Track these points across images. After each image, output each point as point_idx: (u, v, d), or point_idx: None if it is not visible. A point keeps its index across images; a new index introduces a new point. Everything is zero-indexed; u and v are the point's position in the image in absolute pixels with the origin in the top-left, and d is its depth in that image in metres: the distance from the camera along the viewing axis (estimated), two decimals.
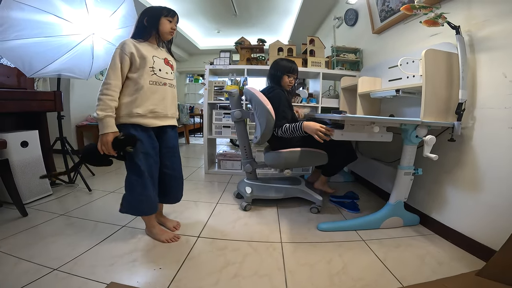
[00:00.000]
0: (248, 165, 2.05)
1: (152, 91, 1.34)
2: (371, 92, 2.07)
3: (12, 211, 1.74)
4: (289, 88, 2.00)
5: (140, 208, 1.40)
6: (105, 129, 1.24)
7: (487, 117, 1.41)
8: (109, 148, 1.26)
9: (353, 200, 2.05)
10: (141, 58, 1.31)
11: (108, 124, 1.24)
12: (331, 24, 3.75)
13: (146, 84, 1.32)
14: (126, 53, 1.28)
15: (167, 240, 1.46)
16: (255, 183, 2.04)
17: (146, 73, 1.32)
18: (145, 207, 1.40)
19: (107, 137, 1.25)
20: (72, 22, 1.86)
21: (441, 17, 1.45)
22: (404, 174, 1.61)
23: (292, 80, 1.95)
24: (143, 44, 1.35)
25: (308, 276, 1.21)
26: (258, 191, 1.99)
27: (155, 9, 1.39)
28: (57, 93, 2.25)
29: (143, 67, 1.31)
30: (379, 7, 2.40)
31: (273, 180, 2.13)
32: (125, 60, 1.28)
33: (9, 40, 1.69)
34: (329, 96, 3.17)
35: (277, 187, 2.01)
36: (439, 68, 1.50)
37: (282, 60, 1.98)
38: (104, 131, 1.24)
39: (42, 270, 1.16)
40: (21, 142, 1.88)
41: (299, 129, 1.64)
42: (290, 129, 1.69)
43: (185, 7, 4.35)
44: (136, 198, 1.37)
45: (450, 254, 1.43)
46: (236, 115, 1.99)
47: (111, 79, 1.26)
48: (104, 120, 1.23)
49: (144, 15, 1.37)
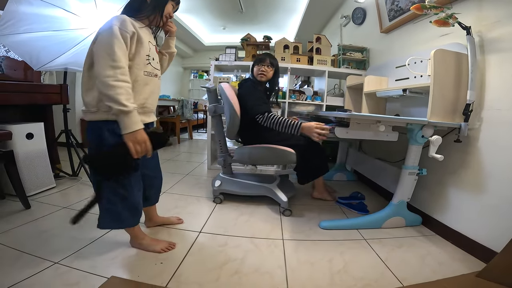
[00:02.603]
0: (221, 159, 2.04)
1: (145, 82, 1.14)
2: (377, 91, 2.05)
3: (15, 203, 1.75)
4: (261, 78, 1.92)
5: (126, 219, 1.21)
6: (137, 125, 1.01)
7: (494, 118, 1.39)
8: (148, 147, 1.05)
9: (361, 201, 2.03)
10: (139, 43, 1.09)
11: (137, 119, 1.02)
12: (338, 23, 3.72)
13: (141, 75, 1.12)
14: (128, 31, 1.03)
15: (163, 250, 1.31)
16: (226, 177, 2.04)
17: (142, 61, 1.11)
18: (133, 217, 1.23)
19: (142, 134, 1.03)
20: (80, 16, 1.86)
21: (452, 17, 1.43)
22: (408, 174, 1.59)
23: (262, 68, 1.89)
24: (141, 25, 1.13)
25: (309, 274, 1.21)
26: (226, 185, 2.00)
27: None
28: (64, 86, 2.26)
29: (138, 53, 1.09)
30: (388, 6, 2.37)
31: (247, 176, 2.12)
32: (127, 40, 1.03)
33: (18, 34, 1.70)
34: (334, 94, 3.15)
35: (246, 184, 2.00)
36: (447, 68, 1.48)
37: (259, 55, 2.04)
38: (136, 127, 1.01)
39: (44, 263, 1.16)
40: (26, 134, 1.89)
41: (296, 128, 1.60)
42: (283, 123, 1.63)
43: (191, 3, 4.34)
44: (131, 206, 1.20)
45: (451, 255, 1.42)
46: (210, 110, 1.99)
47: (122, 61, 0.99)
48: (133, 113, 1.00)
49: None
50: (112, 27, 0.99)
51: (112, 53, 0.97)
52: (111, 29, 0.99)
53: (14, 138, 1.76)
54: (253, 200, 1.99)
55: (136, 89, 1.10)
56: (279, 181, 2.04)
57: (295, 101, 2.80)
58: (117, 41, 0.98)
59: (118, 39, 0.99)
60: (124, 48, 1.01)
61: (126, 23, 1.03)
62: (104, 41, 0.99)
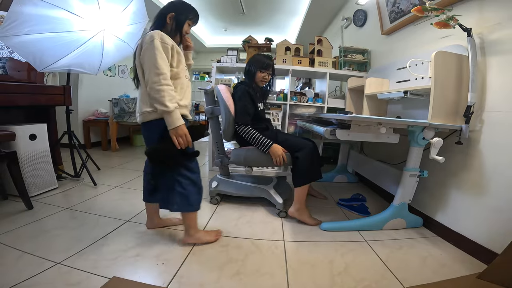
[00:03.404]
0: (218, 161, 2.04)
1: (187, 85, 1.36)
2: (378, 93, 2.06)
3: (17, 203, 1.76)
4: (262, 84, 1.93)
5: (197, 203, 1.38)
6: (178, 121, 1.20)
7: (495, 120, 1.39)
8: (189, 138, 1.24)
9: (362, 203, 2.03)
10: (178, 53, 1.30)
11: (179, 116, 1.22)
12: (339, 25, 3.73)
13: (184, 78, 1.33)
14: (168, 44, 1.22)
15: (216, 238, 1.47)
16: (223, 178, 2.06)
17: (183, 68, 1.33)
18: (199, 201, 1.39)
19: (183, 128, 1.22)
20: (83, 17, 1.87)
21: (453, 19, 1.44)
22: (409, 176, 1.60)
23: (266, 76, 1.88)
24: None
25: (309, 275, 1.21)
26: (223, 186, 2.02)
27: (185, 9, 1.37)
28: (67, 88, 2.28)
29: (180, 62, 1.31)
30: (389, 8, 2.37)
31: (244, 177, 2.13)
32: (168, 51, 1.22)
33: (22, 35, 1.71)
34: (335, 96, 3.16)
35: (242, 185, 2.01)
36: (448, 70, 1.48)
37: (258, 55, 1.95)
38: (177, 123, 1.20)
39: (45, 264, 1.17)
40: (29, 135, 1.90)
41: (266, 147, 1.71)
42: (256, 139, 1.74)
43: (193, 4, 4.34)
44: (198, 191, 1.37)
45: (452, 256, 1.42)
46: (207, 111, 2.00)
47: (165, 69, 1.18)
48: (175, 112, 1.20)
49: (171, 10, 1.33)
50: (154, 41, 1.17)
51: (155, 62, 1.16)
52: (153, 43, 1.17)
53: (17, 139, 1.78)
54: (254, 201, 1.99)
55: (184, 90, 1.32)
56: (276, 183, 2.05)
57: (296, 103, 2.80)
58: (159, 52, 1.17)
59: (159, 51, 1.17)
60: (165, 58, 1.19)
61: (165, 37, 1.22)
62: (149, 53, 1.17)
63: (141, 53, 1.21)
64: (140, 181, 2.40)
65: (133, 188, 2.23)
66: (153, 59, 1.16)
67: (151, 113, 1.25)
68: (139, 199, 1.51)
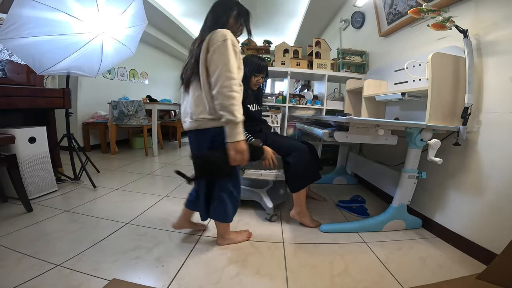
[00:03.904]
0: None
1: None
2: (376, 95, 2.07)
3: (17, 206, 1.76)
4: (256, 87, 1.85)
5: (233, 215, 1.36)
6: (240, 136, 1.09)
7: (492, 121, 1.40)
8: (245, 157, 1.13)
9: (361, 205, 2.03)
10: (240, 60, 1.16)
11: (241, 130, 1.10)
12: (337, 27, 3.75)
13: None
14: (238, 48, 1.10)
15: (248, 238, 1.50)
16: None
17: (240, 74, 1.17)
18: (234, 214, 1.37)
19: (242, 145, 1.11)
20: (82, 20, 1.88)
21: (449, 21, 1.45)
22: (408, 177, 1.60)
23: (260, 79, 1.80)
24: None
25: (309, 276, 1.21)
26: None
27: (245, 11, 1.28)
28: (66, 91, 2.28)
29: (241, 70, 1.17)
30: (386, 10, 2.39)
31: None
32: (238, 56, 1.11)
33: (21, 38, 1.72)
34: (334, 98, 3.17)
35: None
36: (445, 71, 1.49)
37: (252, 57, 1.82)
38: (238, 138, 1.08)
39: (46, 266, 1.17)
40: (29, 138, 1.91)
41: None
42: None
43: (191, 7, 4.38)
44: (235, 205, 1.34)
45: (452, 257, 1.43)
46: None
47: (235, 73, 1.06)
48: (240, 124, 1.08)
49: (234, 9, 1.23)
50: (227, 41, 1.06)
51: (229, 65, 1.04)
52: (225, 42, 1.05)
53: (17, 142, 1.78)
54: (254, 203, 1.99)
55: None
56: (271, 187, 2.04)
57: (295, 105, 2.81)
58: (232, 55, 1.06)
59: (232, 53, 1.06)
60: (236, 61, 1.08)
61: (235, 40, 1.11)
62: (219, 53, 1.05)
63: (210, 52, 1.08)
64: (139, 184, 2.43)
65: (132, 190, 2.23)
66: (226, 61, 1.04)
67: (210, 120, 1.14)
68: (139, 201, 1.52)
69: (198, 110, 1.16)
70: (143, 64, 5.49)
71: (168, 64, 6.67)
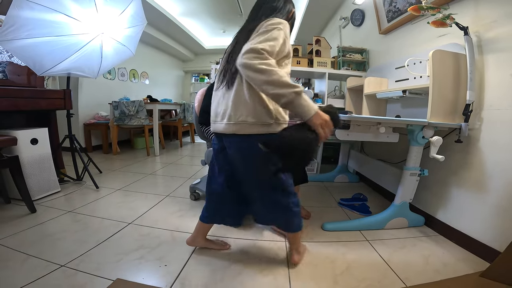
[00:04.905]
0: (203, 160, 2.04)
1: None
2: (377, 92, 2.06)
3: (20, 207, 1.77)
4: None
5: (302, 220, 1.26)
6: (313, 104, 0.94)
7: (494, 118, 1.40)
8: (331, 127, 0.97)
9: (363, 203, 2.03)
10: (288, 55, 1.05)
11: (309, 99, 0.94)
12: (337, 24, 3.74)
13: None
14: (288, 40, 1.01)
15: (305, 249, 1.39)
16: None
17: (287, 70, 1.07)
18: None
19: (323, 114, 0.95)
20: (81, 21, 1.88)
21: (449, 18, 1.44)
22: (409, 175, 1.60)
23: None
24: None
25: (312, 275, 1.22)
26: (202, 184, 2.04)
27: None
28: (67, 92, 2.29)
29: (287, 64, 1.06)
30: (386, 7, 2.38)
31: None
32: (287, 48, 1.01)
33: (20, 39, 1.72)
34: (334, 96, 3.16)
35: None
36: (446, 69, 1.49)
37: None
38: (314, 107, 0.93)
39: (50, 266, 1.18)
40: (31, 139, 1.91)
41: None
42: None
43: (191, 6, 4.37)
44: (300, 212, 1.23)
45: (455, 255, 1.42)
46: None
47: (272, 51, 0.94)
48: (303, 96, 0.92)
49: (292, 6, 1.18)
50: (276, 27, 0.97)
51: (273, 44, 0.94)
52: (275, 27, 0.97)
53: (19, 144, 1.79)
54: None
55: None
56: None
57: None
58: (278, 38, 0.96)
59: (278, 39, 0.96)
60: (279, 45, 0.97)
61: (288, 30, 1.03)
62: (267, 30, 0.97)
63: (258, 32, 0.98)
64: (142, 184, 2.43)
65: (135, 190, 2.24)
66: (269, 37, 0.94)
67: (253, 125, 1.00)
68: (141, 201, 1.52)
69: (237, 111, 1.01)
70: (143, 64, 5.49)
71: (168, 64, 6.67)
